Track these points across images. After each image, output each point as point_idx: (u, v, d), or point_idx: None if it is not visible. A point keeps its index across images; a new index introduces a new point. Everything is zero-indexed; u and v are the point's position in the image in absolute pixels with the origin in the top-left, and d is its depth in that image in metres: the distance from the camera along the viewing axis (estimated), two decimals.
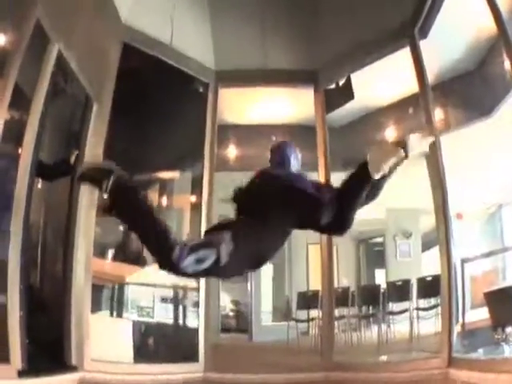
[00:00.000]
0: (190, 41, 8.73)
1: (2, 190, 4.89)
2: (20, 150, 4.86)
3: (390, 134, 11.11)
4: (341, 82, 9.45)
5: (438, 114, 9.03)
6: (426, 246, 13.06)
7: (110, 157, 7.76)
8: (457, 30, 8.25)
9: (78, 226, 6.41)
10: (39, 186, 6.33)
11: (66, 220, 6.40)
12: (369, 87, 10.03)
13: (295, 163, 4.00)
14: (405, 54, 7.59)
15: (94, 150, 6.83)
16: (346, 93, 9.63)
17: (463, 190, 9.62)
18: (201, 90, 9.19)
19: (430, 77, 7.47)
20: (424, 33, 7.58)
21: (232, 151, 12.45)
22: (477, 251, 10.39)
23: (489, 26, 6.94)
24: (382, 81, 9.90)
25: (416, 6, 7.41)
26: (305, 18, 8.68)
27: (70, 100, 6.93)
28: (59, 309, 6.13)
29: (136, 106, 8.47)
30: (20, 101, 4.82)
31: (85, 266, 6.39)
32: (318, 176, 8.56)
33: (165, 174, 10.55)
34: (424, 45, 7.48)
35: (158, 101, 8.80)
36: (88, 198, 6.56)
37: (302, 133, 11.11)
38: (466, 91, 9.44)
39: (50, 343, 5.90)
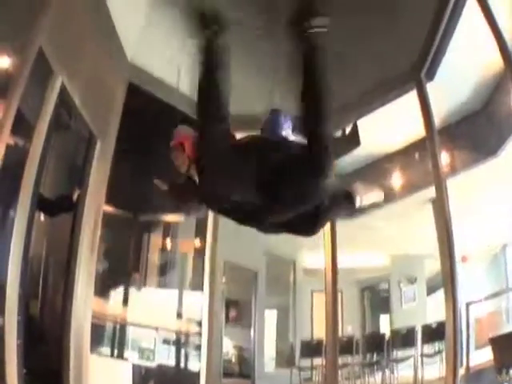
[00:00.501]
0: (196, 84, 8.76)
1: (3, 218, 4.86)
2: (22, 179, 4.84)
3: (397, 180, 11.12)
4: (347, 129, 9.50)
5: (444, 158, 9.03)
6: (432, 290, 12.94)
7: (114, 196, 7.85)
8: (463, 70, 8.25)
9: (80, 262, 6.35)
10: (42, 217, 6.31)
11: (68, 255, 6.34)
12: (375, 133, 10.05)
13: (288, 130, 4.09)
14: (411, 97, 7.54)
15: (97, 188, 6.79)
16: (353, 140, 9.68)
17: (468, 232, 9.55)
18: None
19: (437, 120, 7.40)
20: (431, 75, 7.56)
21: None
22: (482, 293, 10.27)
23: (494, 64, 7.04)
24: (388, 126, 9.88)
25: (422, 49, 7.36)
26: None
27: (74, 135, 6.89)
28: (58, 342, 6.02)
29: (140, 146, 8.52)
30: (23, 128, 4.82)
31: (85, 302, 6.33)
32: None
33: (169, 217, 10.58)
34: (430, 87, 7.44)
35: (163, 142, 8.84)
36: (90, 236, 6.56)
37: None
38: (472, 132, 9.44)
39: (48, 375, 5.81)
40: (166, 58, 8.30)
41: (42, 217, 6.24)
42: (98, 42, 6.43)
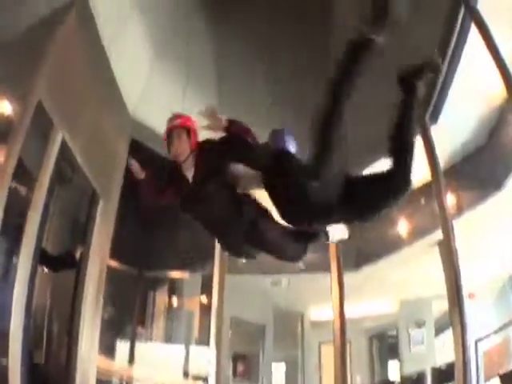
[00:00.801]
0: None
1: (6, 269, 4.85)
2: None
3: (403, 227, 11.08)
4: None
5: (450, 199, 8.98)
6: (440, 330, 12.75)
7: (119, 253, 7.84)
8: (465, 107, 8.18)
9: (83, 317, 6.30)
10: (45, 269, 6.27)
11: (71, 310, 6.30)
12: None
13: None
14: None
15: (100, 245, 6.78)
16: None
17: (474, 267, 9.44)
18: None
19: (441, 162, 7.47)
20: (434, 118, 7.58)
21: None
22: (490, 327, 10.11)
23: (496, 96, 7.13)
24: None
25: (425, 93, 7.37)
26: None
27: (77, 190, 6.86)
28: None
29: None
30: (25, 178, 4.87)
31: (89, 357, 6.27)
32: (331, 277, 8.53)
33: (174, 274, 10.54)
34: (434, 130, 7.45)
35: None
36: (94, 291, 6.54)
37: None
38: (477, 169, 9.30)
39: None
40: (169, 113, 8.42)
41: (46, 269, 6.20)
42: (100, 97, 6.51)
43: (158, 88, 8.26)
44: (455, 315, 6.57)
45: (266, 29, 7.98)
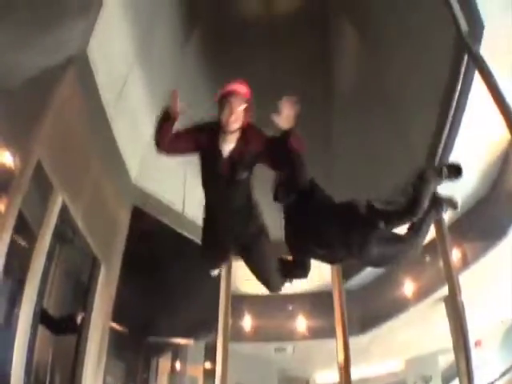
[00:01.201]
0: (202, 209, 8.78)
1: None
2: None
3: (409, 288, 11.00)
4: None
5: (456, 253, 8.93)
6: (446, 381, 12.46)
7: (121, 319, 7.77)
8: (469, 158, 7.92)
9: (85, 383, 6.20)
10: None
11: (71, 375, 6.19)
12: None
13: None
14: None
15: (102, 310, 6.75)
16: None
17: (479, 315, 9.26)
18: None
19: (446, 217, 7.32)
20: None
21: (247, 321, 12.30)
22: (496, 371, 9.90)
23: (499, 141, 7.29)
24: None
25: (429, 151, 7.52)
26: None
27: (79, 251, 6.73)
28: None
29: (147, 270, 8.52)
30: (26, 233, 4.88)
31: None
32: (336, 342, 8.45)
33: (177, 340, 10.41)
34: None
35: (170, 267, 8.85)
36: (95, 356, 6.47)
37: (319, 300, 11.12)
38: (482, 219, 9.33)
39: None
40: (171, 180, 8.44)
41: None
42: (101, 162, 6.55)
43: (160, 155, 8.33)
44: (462, 365, 6.56)
45: (268, 84, 8.14)
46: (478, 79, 6.30)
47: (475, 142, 7.72)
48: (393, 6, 7.65)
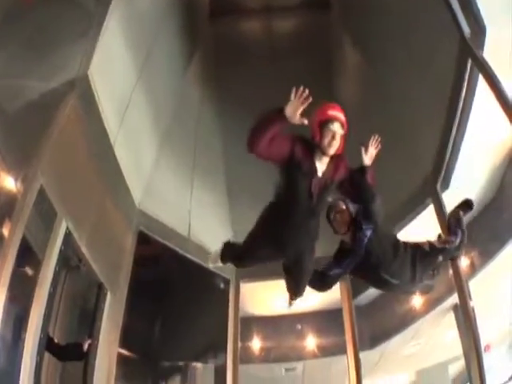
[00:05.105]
0: (209, 232, 8.79)
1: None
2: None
3: (417, 301, 10.91)
4: None
5: (464, 261, 8.80)
6: None
7: (129, 344, 7.70)
8: (475, 164, 8.09)
9: None
10: None
11: None
12: None
13: None
14: (427, 213, 7.61)
15: (109, 336, 6.67)
16: None
17: (488, 320, 9.12)
18: (222, 286, 9.21)
19: None
20: (446, 184, 7.59)
21: (256, 343, 12.18)
22: (506, 373, 9.79)
23: (504, 143, 7.27)
24: None
25: (435, 161, 7.49)
26: None
27: (85, 277, 6.66)
28: None
29: (155, 295, 8.44)
30: (30, 259, 4.86)
31: None
32: (348, 359, 8.36)
33: (187, 364, 10.32)
34: (445, 195, 7.46)
35: (178, 292, 8.78)
36: (103, 379, 6.38)
37: (328, 317, 11.03)
38: (489, 223, 9.07)
39: None
40: (176, 204, 8.37)
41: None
42: (105, 186, 6.51)
43: (165, 178, 8.29)
44: (474, 372, 6.49)
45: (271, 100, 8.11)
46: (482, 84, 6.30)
47: (481, 147, 7.67)
48: (393, 18, 7.69)
